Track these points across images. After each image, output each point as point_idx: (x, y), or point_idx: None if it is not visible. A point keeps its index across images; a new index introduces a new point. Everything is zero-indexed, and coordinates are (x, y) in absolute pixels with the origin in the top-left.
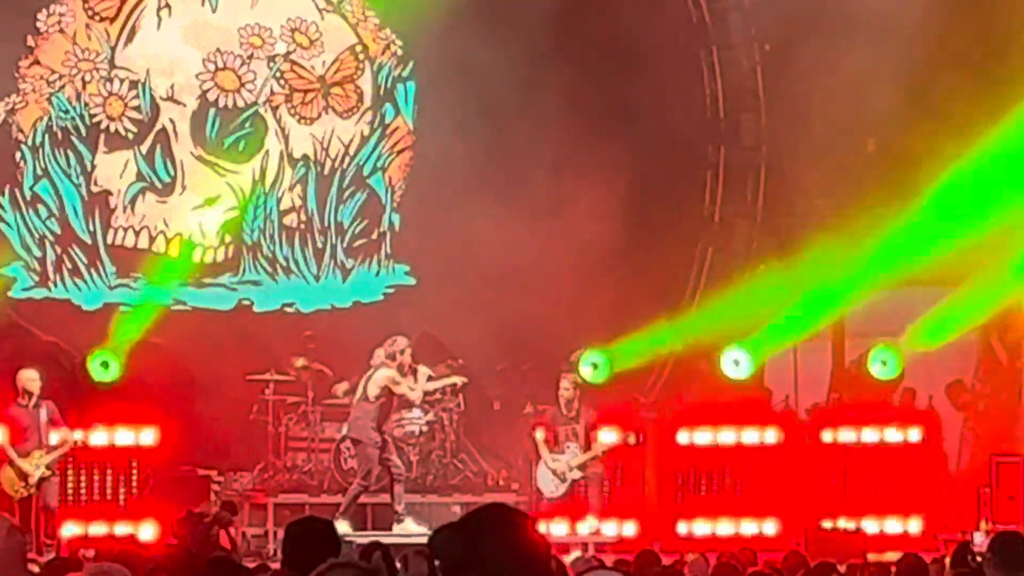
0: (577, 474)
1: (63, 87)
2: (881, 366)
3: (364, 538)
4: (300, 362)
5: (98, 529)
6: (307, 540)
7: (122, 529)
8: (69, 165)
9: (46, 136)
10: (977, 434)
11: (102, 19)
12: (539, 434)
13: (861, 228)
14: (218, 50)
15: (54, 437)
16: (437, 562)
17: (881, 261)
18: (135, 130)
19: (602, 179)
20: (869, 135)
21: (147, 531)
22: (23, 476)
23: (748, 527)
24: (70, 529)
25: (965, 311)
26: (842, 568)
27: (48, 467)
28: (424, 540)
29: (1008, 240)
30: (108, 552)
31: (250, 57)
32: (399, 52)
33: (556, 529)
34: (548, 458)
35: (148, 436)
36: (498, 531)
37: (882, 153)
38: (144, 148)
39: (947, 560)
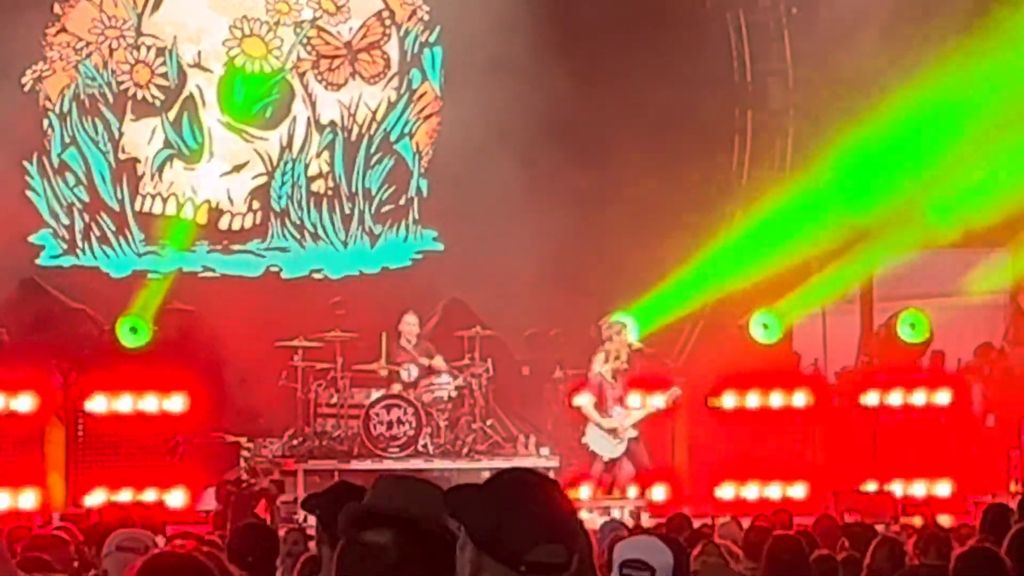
0: (633, 433)
1: (90, 54)
2: (910, 329)
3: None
4: (332, 334)
5: (127, 496)
6: (339, 505)
7: (151, 496)
8: (96, 132)
9: (73, 104)
10: (1006, 397)
11: None
12: (584, 397)
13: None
14: (244, 16)
15: None
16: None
17: (910, 224)
18: (162, 97)
19: (629, 142)
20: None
21: (176, 498)
22: None
23: (778, 491)
24: (99, 496)
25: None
26: (879, 528)
27: None
28: None
29: None
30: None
31: (276, 23)
32: (425, 17)
33: (585, 493)
34: (600, 420)
35: (177, 403)
36: (525, 496)
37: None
38: (171, 115)
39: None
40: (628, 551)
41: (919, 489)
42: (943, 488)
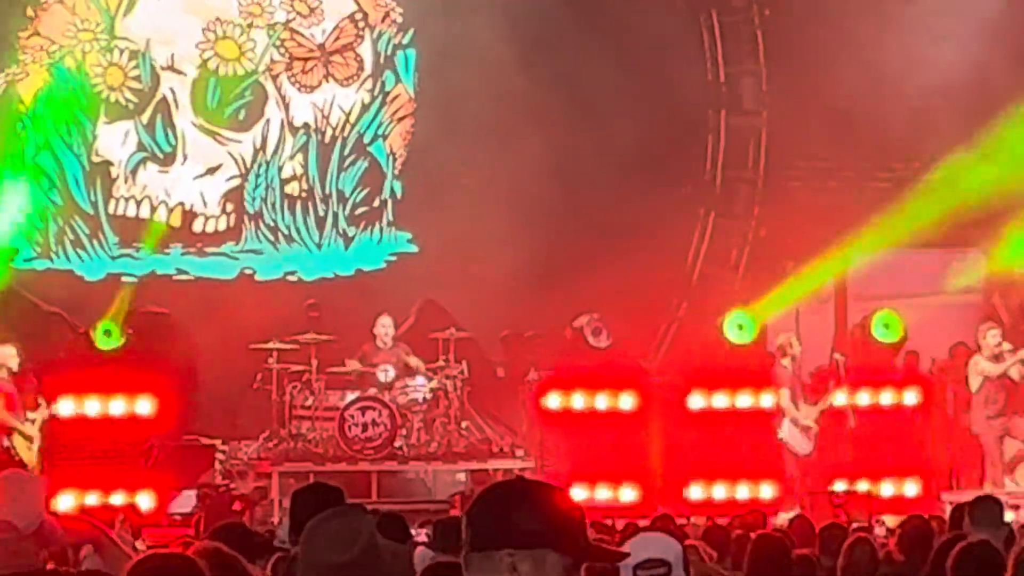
0: (816, 428)
1: (63, 57)
2: (884, 329)
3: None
4: (307, 336)
5: (100, 499)
6: (315, 506)
7: (125, 499)
8: (70, 135)
9: (46, 107)
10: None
11: None
12: (784, 393)
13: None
14: (218, 19)
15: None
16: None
17: (884, 223)
18: (135, 100)
19: (603, 144)
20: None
21: (150, 501)
22: (30, 444)
23: (753, 491)
24: (72, 499)
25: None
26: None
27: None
28: None
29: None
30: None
31: (250, 26)
32: (399, 19)
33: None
34: (799, 415)
35: (151, 406)
36: (531, 501)
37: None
38: (145, 118)
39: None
40: (640, 551)
41: (894, 489)
42: (914, 488)
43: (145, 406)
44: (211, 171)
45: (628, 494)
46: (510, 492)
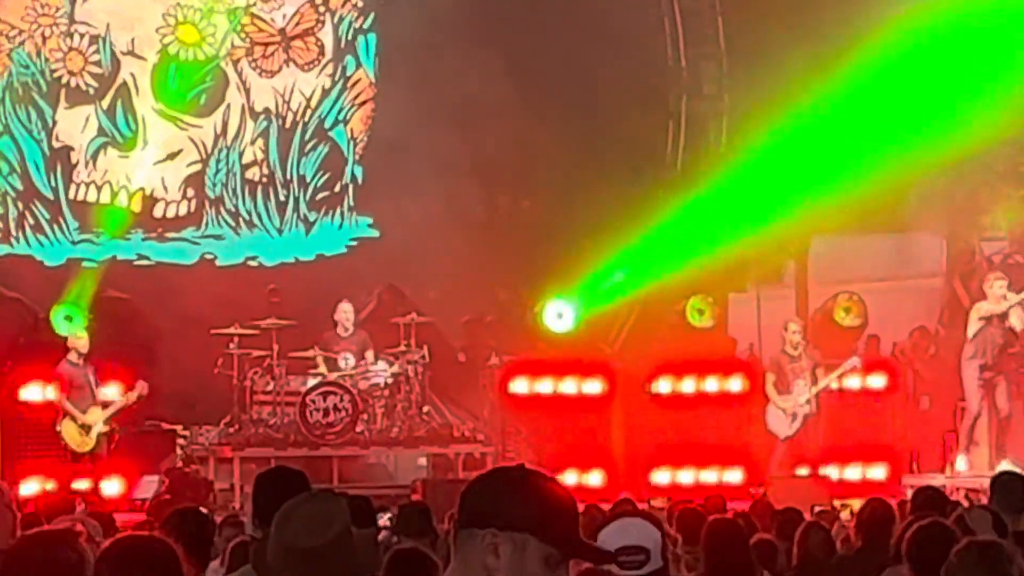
0: (807, 409)
1: (23, 42)
2: (845, 314)
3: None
4: (268, 321)
5: (63, 485)
6: (278, 490)
7: (87, 484)
8: (30, 121)
9: (6, 92)
10: (940, 380)
11: None
12: (769, 377)
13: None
14: (178, 3)
15: (105, 394)
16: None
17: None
18: (96, 85)
19: (564, 129)
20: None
21: (113, 486)
22: (86, 430)
23: (714, 475)
24: (35, 485)
25: None
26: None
27: (106, 422)
28: None
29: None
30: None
31: (210, 10)
32: (359, 4)
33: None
34: (777, 399)
35: (112, 391)
36: (523, 486)
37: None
38: (105, 103)
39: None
40: (618, 538)
41: (855, 473)
42: (879, 472)
43: (107, 392)
44: (172, 156)
45: (591, 478)
46: (506, 475)
